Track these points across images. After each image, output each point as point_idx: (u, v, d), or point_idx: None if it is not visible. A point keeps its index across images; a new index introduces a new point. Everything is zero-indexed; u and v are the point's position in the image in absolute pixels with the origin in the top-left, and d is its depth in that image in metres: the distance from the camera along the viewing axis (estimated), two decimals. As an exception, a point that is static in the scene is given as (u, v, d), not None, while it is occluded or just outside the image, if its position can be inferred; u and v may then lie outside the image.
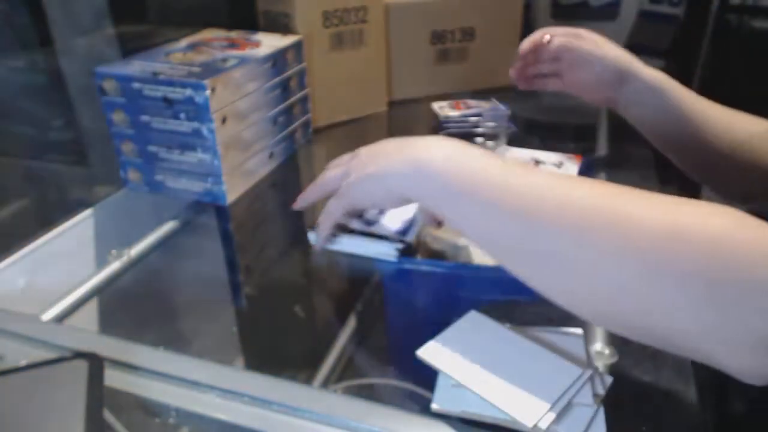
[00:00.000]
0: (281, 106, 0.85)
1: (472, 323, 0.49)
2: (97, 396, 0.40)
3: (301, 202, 0.62)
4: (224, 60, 0.75)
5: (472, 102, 0.99)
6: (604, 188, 0.39)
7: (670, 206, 0.35)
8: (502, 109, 0.96)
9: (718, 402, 0.52)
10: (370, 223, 0.65)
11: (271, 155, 0.84)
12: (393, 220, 0.65)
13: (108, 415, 0.41)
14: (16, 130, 0.89)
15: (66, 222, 0.70)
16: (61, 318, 0.56)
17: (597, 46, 0.69)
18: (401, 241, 0.63)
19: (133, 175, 0.77)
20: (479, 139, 0.94)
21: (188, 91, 0.68)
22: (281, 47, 0.82)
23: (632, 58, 0.69)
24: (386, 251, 0.62)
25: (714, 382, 0.49)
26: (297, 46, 0.86)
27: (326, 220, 0.58)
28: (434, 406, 0.42)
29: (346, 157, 0.57)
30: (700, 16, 1.40)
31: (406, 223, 0.65)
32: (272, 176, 0.84)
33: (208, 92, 0.67)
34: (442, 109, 0.98)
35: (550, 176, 0.41)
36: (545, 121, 1.04)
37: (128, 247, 0.66)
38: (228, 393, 0.43)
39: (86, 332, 0.52)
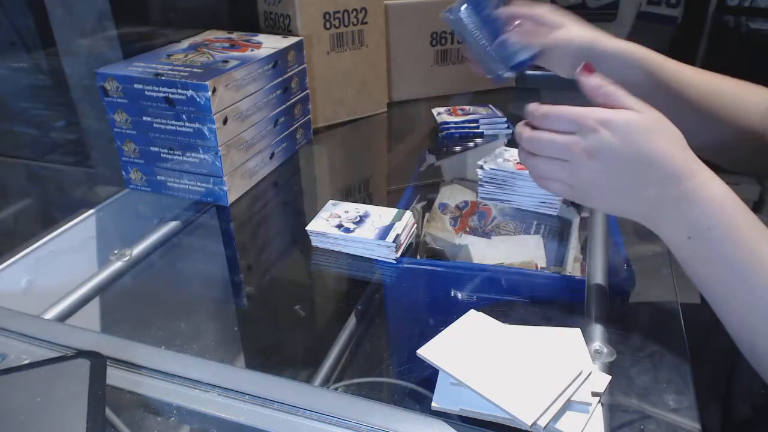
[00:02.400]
0: (282, 107, 0.85)
1: (472, 322, 0.49)
2: (99, 394, 0.41)
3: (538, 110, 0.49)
4: (225, 61, 0.75)
5: (469, 108, 1.00)
6: None
7: None
8: (500, 116, 0.97)
9: (724, 410, 0.51)
10: (349, 230, 0.65)
11: (272, 156, 0.84)
12: (370, 228, 0.65)
13: (110, 414, 0.42)
14: (19, 130, 0.89)
15: (68, 222, 0.70)
16: (63, 317, 0.57)
17: (558, 23, 0.62)
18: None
19: (134, 175, 0.78)
20: (479, 141, 0.95)
21: (190, 92, 0.68)
22: (282, 48, 0.83)
23: (596, 32, 0.63)
24: (386, 252, 0.62)
25: (718, 390, 0.49)
26: (298, 47, 0.87)
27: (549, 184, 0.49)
28: (434, 404, 0.42)
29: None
30: (698, 17, 1.40)
31: (385, 229, 0.65)
32: (273, 176, 0.85)
33: (209, 93, 0.68)
34: (440, 115, 0.99)
35: None
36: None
37: (130, 247, 0.66)
38: (229, 391, 0.44)
39: (88, 331, 0.52)
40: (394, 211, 0.68)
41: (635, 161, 0.44)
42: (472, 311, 0.50)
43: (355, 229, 0.65)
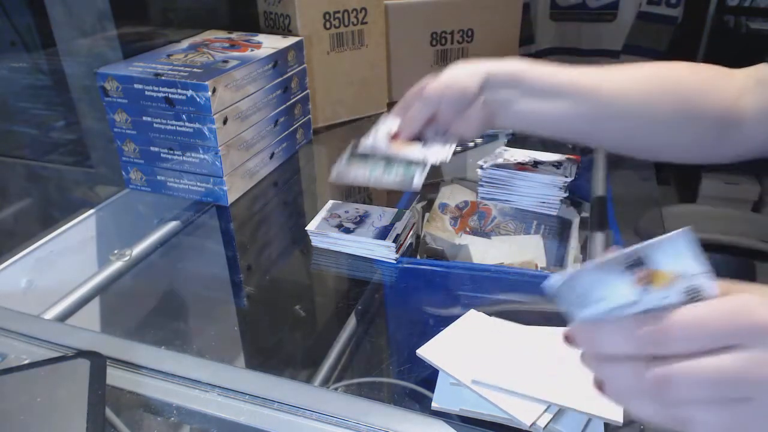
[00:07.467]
0: (282, 107, 0.85)
1: (472, 322, 0.49)
2: (99, 394, 0.41)
3: None
4: (225, 61, 0.75)
5: None
6: None
7: None
8: None
9: None
10: (349, 230, 0.64)
11: (272, 156, 0.84)
12: (370, 228, 0.65)
13: (110, 414, 0.42)
14: (19, 130, 0.89)
15: (68, 222, 0.71)
16: (63, 317, 0.57)
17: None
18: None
19: (134, 175, 0.78)
20: (479, 141, 0.94)
21: (190, 92, 0.68)
22: (282, 48, 0.83)
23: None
24: (386, 252, 0.63)
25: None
26: (298, 47, 0.87)
27: None
28: (434, 404, 0.42)
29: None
30: (698, 17, 1.40)
31: (386, 228, 0.65)
32: (273, 176, 0.85)
33: (209, 93, 0.68)
34: None
35: None
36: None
37: (130, 247, 0.66)
38: (229, 391, 0.44)
39: (88, 331, 0.52)
40: (394, 211, 0.68)
41: None
42: (472, 311, 0.50)
43: (355, 229, 0.65)
